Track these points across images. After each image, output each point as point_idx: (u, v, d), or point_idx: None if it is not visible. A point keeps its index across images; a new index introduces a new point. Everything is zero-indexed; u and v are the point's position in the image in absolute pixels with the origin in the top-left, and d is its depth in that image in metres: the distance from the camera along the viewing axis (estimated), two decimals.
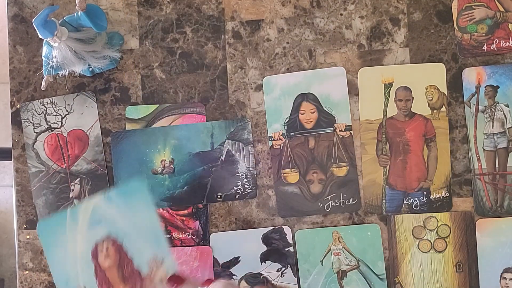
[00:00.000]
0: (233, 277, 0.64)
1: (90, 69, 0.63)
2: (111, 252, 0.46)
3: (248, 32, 0.65)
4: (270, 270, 0.64)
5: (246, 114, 0.64)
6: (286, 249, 0.63)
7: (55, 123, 0.66)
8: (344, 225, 0.63)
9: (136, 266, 0.46)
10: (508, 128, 0.62)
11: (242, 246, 0.64)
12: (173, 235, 0.64)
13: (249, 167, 0.64)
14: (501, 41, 0.62)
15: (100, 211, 0.46)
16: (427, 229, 0.62)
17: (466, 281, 0.62)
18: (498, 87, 0.62)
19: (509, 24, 0.62)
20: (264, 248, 0.64)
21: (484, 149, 0.62)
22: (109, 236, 0.46)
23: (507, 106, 0.62)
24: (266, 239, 0.64)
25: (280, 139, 0.64)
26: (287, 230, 0.63)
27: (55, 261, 0.47)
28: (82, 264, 0.46)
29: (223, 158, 0.64)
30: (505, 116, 0.62)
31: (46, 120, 0.66)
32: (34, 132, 0.66)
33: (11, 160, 0.67)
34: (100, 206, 0.47)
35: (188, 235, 0.64)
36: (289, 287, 0.64)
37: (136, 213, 0.46)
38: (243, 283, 0.64)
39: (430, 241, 0.62)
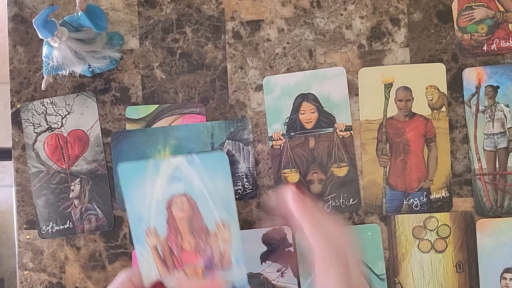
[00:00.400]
0: None
1: (90, 69, 0.63)
2: (185, 206, 0.50)
3: (248, 32, 0.65)
4: (270, 270, 0.64)
5: (246, 114, 0.64)
6: (286, 249, 0.63)
7: (55, 123, 0.66)
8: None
9: (205, 223, 0.50)
10: (508, 128, 0.62)
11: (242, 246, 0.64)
12: None
13: (249, 167, 0.64)
14: (501, 41, 0.62)
15: (182, 171, 0.50)
16: (427, 229, 0.62)
17: (466, 281, 0.62)
18: (498, 87, 0.62)
19: (509, 24, 0.62)
20: (264, 248, 0.64)
21: (484, 149, 0.62)
22: (186, 193, 0.50)
23: (507, 106, 0.62)
24: (266, 239, 0.64)
25: (280, 139, 0.64)
26: (287, 230, 0.63)
27: (132, 201, 0.50)
28: (157, 209, 0.50)
29: None
30: (505, 116, 0.62)
31: (46, 120, 0.66)
32: (34, 132, 0.66)
33: (11, 160, 0.67)
34: (182, 166, 0.50)
35: None
36: (289, 287, 0.64)
37: (214, 180, 0.49)
38: None
39: (430, 241, 0.62)
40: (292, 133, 0.64)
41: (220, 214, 0.50)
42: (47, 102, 0.66)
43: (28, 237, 0.66)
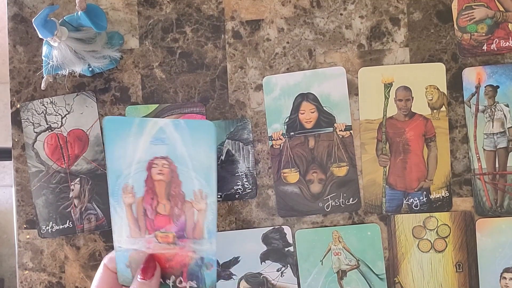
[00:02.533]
0: (233, 277, 0.64)
1: (90, 69, 0.63)
2: (165, 170, 0.49)
3: (248, 32, 0.65)
4: (270, 270, 0.64)
5: (246, 114, 0.64)
6: (286, 249, 0.63)
7: (55, 123, 0.66)
8: (344, 225, 0.63)
9: (182, 189, 0.49)
10: (508, 128, 0.62)
11: (242, 246, 0.64)
12: None
13: (249, 167, 0.64)
14: (501, 41, 0.62)
15: (166, 133, 0.48)
16: (427, 229, 0.62)
17: (466, 281, 0.62)
18: (498, 87, 0.62)
19: (509, 24, 0.62)
20: (264, 248, 0.64)
21: (484, 149, 0.62)
22: (168, 156, 0.49)
23: (507, 106, 0.62)
24: (266, 239, 0.64)
25: (280, 139, 0.64)
26: (287, 230, 0.63)
27: (113, 156, 0.49)
28: (137, 168, 0.49)
29: (223, 158, 0.64)
30: (505, 116, 0.62)
31: (46, 120, 0.66)
32: (34, 132, 0.66)
33: (11, 160, 0.67)
34: (168, 128, 0.48)
35: None
36: (289, 287, 0.64)
37: (197, 148, 0.48)
38: (243, 283, 0.64)
39: (430, 241, 0.62)
40: (292, 133, 0.64)
41: (199, 183, 0.49)
42: (47, 102, 0.66)
43: (28, 236, 0.66)
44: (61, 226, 0.65)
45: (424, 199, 0.62)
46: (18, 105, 0.66)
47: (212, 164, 0.48)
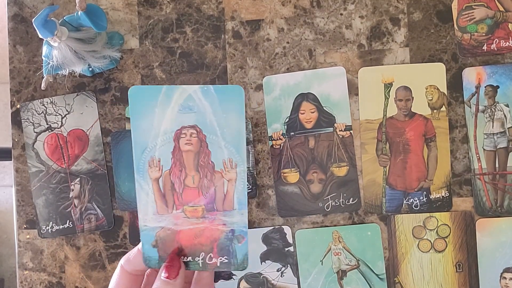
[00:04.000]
0: (233, 277, 0.64)
1: (90, 69, 0.63)
2: (193, 139, 0.47)
3: (248, 32, 0.65)
4: (270, 270, 0.64)
5: (246, 114, 0.64)
6: (286, 249, 0.63)
7: (55, 123, 0.66)
8: (344, 225, 0.63)
9: (212, 159, 0.47)
10: (508, 128, 0.62)
11: None
12: None
13: (249, 167, 0.64)
14: (501, 41, 0.62)
15: (195, 100, 0.46)
16: (427, 229, 0.62)
17: (466, 281, 0.62)
18: (498, 87, 0.62)
19: (509, 24, 0.62)
20: (264, 247, 0.64)
21: (484, 149, 0.62)
22: (196, 125, 0.47)
23: (507, 106, 0.62)
24: (266, 238, 0.64)
25: (280, 139, 0.64)
26: (287, 230, 0.63)
27: (139, 128, 0.47)
28: (164, 139, 0.47)
29: None
30: (505, 116, 0.62)
31: (46, 120, 0.66)
32: (34, 132, 0.66)
33: (11, 160, 0.67)
34: (196, 96, 0.46)
35: None
36: (289, 287, 0.64)
37: (227, 114, 0.46)
38: (243, 283, 0.64)
39: (430, 241, 0.62)
40: (292, 133, 0.64)
41: (229, 152, 0.47)
42: (47, 102, 0.66)
43: (28, 236, 0.66)
44: (61, 226, 0.65)
45: (424, 199, 0.62)
46: (18, 105, 0.66)
47: (241, 130, 0.46)
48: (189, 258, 0.48)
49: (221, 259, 0.48)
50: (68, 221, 0.65)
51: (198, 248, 0.48)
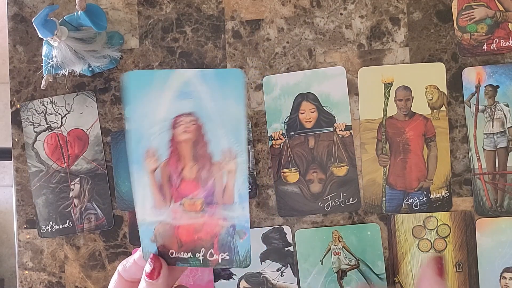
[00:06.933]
0: (233, 276, 0.64)
1: (90, 69, 0.63)
2: (190, 128, 0.44)
3: (248, 32, 0.65)
4: (269, 269, 0.64)
5: (246, 113, 0.64)
6: (286, 249, 0.63)
7: (55, 122, 0.66)
8: (344, 225, 0.63)
9: (209, 151, 0.45)
10: (508, 128, 0.62)
11: None
12: None
13: (249, 167, 0.64)
14: (501, 40, 0.62)
15: (192, 86, 0.44)
16: (427, 229, 0.62)
17: (466, 280, 0.62)
18: (498, 86, 0.62)
19: (509, 23, 0.62)
20: (264, 247, 0.64)
21: (484, 149, 0.62)
22: (193, 112, 0.44)
23: (507, 105, 0.62)
24: (266, 238, 0.64)
25: (280, 138, 0.64)
26: (287, 229, 0.63)
27: (134, 117, 0.44)
28: (160, 128, 0.44)
29: None
30: (505, 115, 0.62)
31: (46, 119, 0.66)
32: (34, 131, 0.66)
33: (11, 160, 0.67)
34: (193, 81, 0.44)
35: None
36: (288, 286, 0.64)
37: (226, 100, 0.43)
38: (243, 282, 0.64)
39: (430, 241, 0.62)
40: (292, 133, 0.64)
41: (228, 140, 0.44)
42: (47, 102, 0.66)
43: (28, 236, 0.66)
44: (61, 226, 0.65)
45: (424, 199, 0.62)
46: (18, 105, 0.66)
47: (241, 117, 0.43)
48: (189, 254, 0.46)
49: (222, 255, 0.46)
50: (68, 220, 0.65)
51: (198, 244, 0.46)
